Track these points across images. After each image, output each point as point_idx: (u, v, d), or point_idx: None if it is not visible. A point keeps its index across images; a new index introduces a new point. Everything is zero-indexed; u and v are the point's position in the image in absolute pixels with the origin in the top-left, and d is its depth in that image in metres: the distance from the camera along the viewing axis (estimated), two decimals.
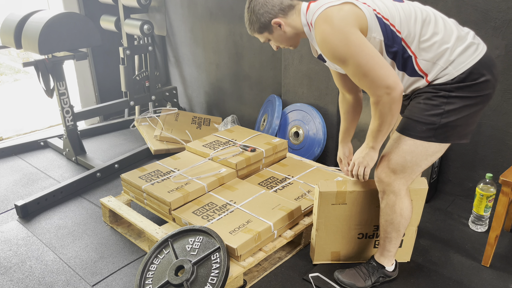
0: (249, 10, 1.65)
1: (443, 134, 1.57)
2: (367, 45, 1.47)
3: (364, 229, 1.96)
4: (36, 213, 2.55)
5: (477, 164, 2.45)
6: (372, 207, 1.89)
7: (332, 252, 2.01)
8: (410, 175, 1.65)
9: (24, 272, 2.05)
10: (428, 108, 1.55)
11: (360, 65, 1.47)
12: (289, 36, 1.66)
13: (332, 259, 2.03)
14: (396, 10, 1.53)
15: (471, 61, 1.50)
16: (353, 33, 1.46)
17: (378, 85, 1.47)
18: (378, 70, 1.45)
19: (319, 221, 1.93)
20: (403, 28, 1.51)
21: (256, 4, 1.62)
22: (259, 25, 1.65)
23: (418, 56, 1.53)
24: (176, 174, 2.41)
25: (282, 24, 1.62)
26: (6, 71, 6.52)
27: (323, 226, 1.94)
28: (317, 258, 2.03)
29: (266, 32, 1.67)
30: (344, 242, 1.99)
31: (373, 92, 1.49)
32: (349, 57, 1.47)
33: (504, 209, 1.89)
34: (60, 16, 2.74)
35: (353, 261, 2.04)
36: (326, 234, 1.96)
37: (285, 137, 3.09)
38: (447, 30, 1.53)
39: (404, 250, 2.00)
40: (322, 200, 1.87)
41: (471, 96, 1.52)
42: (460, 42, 1.52)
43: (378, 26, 1.51)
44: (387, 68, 1.46)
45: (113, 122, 3.85)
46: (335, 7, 1.50)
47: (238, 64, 3.46)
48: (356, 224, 1.94)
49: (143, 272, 1.85)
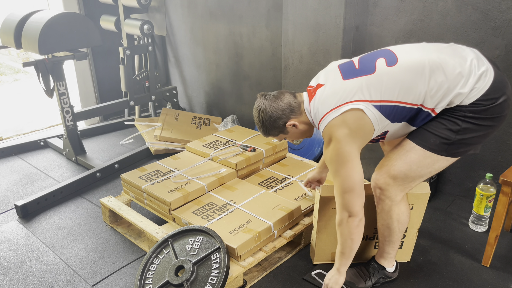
0: (259, 121, 1.72)
1: (455, 149, 1.56)
2: (356, 172, 1.57)
3: (365, 231, 1.95)
4: (36, 213, 2.55)
5: (477, 164, 2.45)
6: (372, 210, 1.88)
7: (332, 253, 2.01)
8: (409, 184, 1.65)
9: (24, 272, 2.05)
10: (445, 123, 1.53)
11: (341, 184, 1.59)
12: (304, 131, 1.74)
13: (332, 259, 2.03)
14: (395, 83, 1.50)
15: (482, 88, 1.47)
16: (350, 155, 1.54)
17: (345, 207, 1.61)
18: (351, 195, 1.59)
19: (319, 224, 1.93)
20: (410, 97, 1.50)
21: (265, 114, 1.69)
22: (274, 130, 1.73)
23: (435, 108, 1.52)
24: (176, 174, 2.41)
25: (296, 124, 1.70)
26: (6, 71, 6.52)
27: (323, 229, 1.94)
28: (317, 258, 2.03)
29: (281, 134, 1.75)
30: None
31: (340, 211, 1.64)
32: (338, 175, 1.59)
33: (504, 209, 1.88)
34: (60, 16, 2.74)
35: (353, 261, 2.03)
36: (327, 236, 1.96)
37: None
38: (450, 76, 1.48)
39: (404, 251, 2.00)
40: (323, 204, 1.87)
41: (489, 118, 1.50)
42: (466, 79, 1.47)
43: (381, 115, 1.53)
44: (362, 194, 1.61)
45: (113, 122, 3.85)
46: (337, 121, 1.53)
47: (238, 64, 3.46)
48: None
49: (143, 272, 1.85)
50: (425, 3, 2.34)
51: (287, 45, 2.94)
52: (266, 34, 3.15)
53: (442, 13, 2.30)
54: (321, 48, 2.75)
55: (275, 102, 1.69)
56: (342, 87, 1.56)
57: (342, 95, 1.54)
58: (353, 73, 1.57)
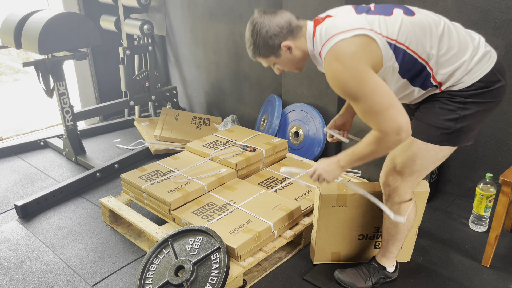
0: (253, 34, 1.51)
1: (456, 138, 1.55)
2: (381, 84, 1.39)
3: (365, 231, 1.96)
4: (36, 213, 2.55)
5: (477, 164, 2.45)
6: (373, 209, 1.89)
7: (332, 253, 2.01)
8: (417, 179, 1.64)
9: (24, 272, 2.05)
10: (443, 113, 1.52)
11: (373, 105, 1.39)
12: (297, 60, 1.57)
13: (332, 259, 2.03)
14: (411, 29, 1.44)
15: (485, 69, 1.48)
16: (366, 72, 1.38)
17: (389, 125, 1.39)
18: (391, 110, 1.38)
19: (319, 223, 1.93)
20: (419, 48, 1.45)
21: (262, 27, 1.49)
22: (266, 49, 1.53)
23: (435, 71, 1.48)
24: (176, 174, 2.41)
25: (292, 48, 1.52)
26: (6, 71, 6.52)
27: (323, 227, 1.94)
28: (317, 258, 2.03)
29: (272, 56, 1.56)
30: (345, 243, 1.99)
31: (382, 130, 1.41)
32: (362, 96, 1.39)
33: (504, 209, 1.88)
34: (60, 16, 2.74)
35: (353, 261, 2.04)
36: (327, 235, 1.96)
37: (285, 137, 3.09)
38: (462, 43, 1.48)
39: (404, 251, 2.00)
40: (323, 203, 1.87)
41: (486, 102, 1.50)
42: (475, 52, 1.48)
43: (393, 54, 1.43)
44: (399, 108, 1.40)
45: (113, 122, 3.85)
46: (346, 41, 1.39)
47: (238, 64, 3.46)
48: (357, 225, 1.94)
49: (143, 272, 1.85)
50: (425, 3, 2.34)
51: None
52: None
53: (442, 13, 2.29)
54: None
55: (275, 17, 1.50)
56: (355, 18, 1.44)
57: (354, 24, 1.42)
58: (368, 11, 1.47)
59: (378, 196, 1.72)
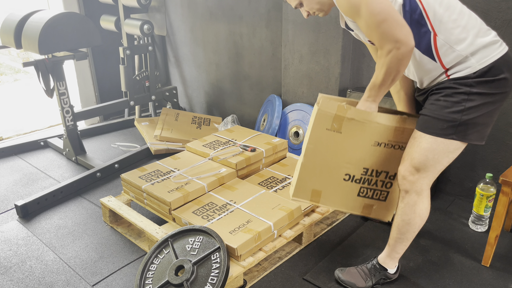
0: None
1: (463, 131, 1.55)
2: None
3: (353, 170, 1.80)
4: (36, 213, 2.55)
5: (477, 164, 2.45)
6: (367, 145, 1.74)
7: (313, 191, 1.85)
8: (432, 173, 1.64)
9: (24, 272, 2.05)
10: (448, 105, 1.53)
11: (373, 14, 1.42)
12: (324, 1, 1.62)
13: (312, 199, 1.87)
14: None
15: (495, 55, 1.48)
16: None
17: (388, 37, 1.43)
18: (390, 21, 1.41)
19: (309, 146, 1.75)
20: (433, 14, 1.47)
21: None
22: None
23: (437, 34, 1.48)
24: (176, 174, 2.41)
25: None
26: (6, 71, 6.52)
27: (311, 153, 1.76)
28: (296, 192, 1.85)
29: None
30: (329, 181, 1.83)
31: (383, 44, 1.45)
32: (363, 5, 1.43)
33: (504, 209, 1.89)
34: (60, 16, 2.74)
35: (331, 208, 1.91)
36: (314, 165, 1.79)
37: (285, 137, 3.09)
38: (472, 19, 1.50)
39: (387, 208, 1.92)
40: (318, 120, 1.70)
41: (491, 93, 1.51)
42: (483, 35, 1.49)
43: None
44: (400, 21, 1.42)
45: (113, 122, 3.86)
46: None
47: (238, 64, 3.46)
48: (346, 161, 1.78)
49: (143, 272, 1.85)
50: None
51: (287, 45, 2.95)
52: (266, 34, 3.15)
53: None
54: (321, 48, 2.75)
55: None
56: None
57: None
58: None
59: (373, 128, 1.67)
